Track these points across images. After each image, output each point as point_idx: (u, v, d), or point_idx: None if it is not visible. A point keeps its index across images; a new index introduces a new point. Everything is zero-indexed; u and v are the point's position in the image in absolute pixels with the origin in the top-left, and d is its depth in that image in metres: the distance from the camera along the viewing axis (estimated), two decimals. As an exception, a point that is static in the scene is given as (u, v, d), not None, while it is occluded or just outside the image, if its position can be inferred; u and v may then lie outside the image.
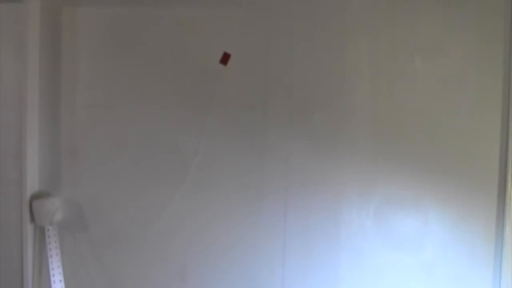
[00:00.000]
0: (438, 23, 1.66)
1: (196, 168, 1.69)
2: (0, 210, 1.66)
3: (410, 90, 1.68)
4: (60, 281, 1.62)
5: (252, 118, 1.69)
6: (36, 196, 1.63)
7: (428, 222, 1.68)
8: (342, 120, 1.69)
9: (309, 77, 1.69)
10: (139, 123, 1.67)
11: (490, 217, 1.68)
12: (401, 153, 1.69)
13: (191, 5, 1.67)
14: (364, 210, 1.69)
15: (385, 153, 1.68)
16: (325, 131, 1.69)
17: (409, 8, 1.65)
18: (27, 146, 1.60)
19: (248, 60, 1.68)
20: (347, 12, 1.67)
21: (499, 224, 1.67)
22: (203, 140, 1.68)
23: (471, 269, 1.68)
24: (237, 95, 1.69)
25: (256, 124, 1.69)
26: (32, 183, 1.64)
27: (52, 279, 1.60)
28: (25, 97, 1.58)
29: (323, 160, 1.69)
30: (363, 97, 1.68)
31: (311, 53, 1.68)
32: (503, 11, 1.64)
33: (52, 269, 1.61)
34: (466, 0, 1.63)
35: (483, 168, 1.68)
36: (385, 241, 1.70)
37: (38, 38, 1.60)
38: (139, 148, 1.68)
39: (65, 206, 1.66)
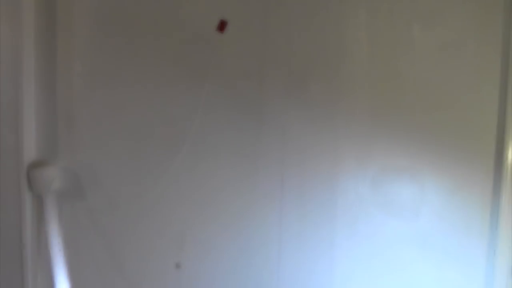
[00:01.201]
0: (437, -9, 1.65)
1: (193, 137, 1.68)
2: (-3, 180, 1.65)
3: (408, 59, 1.67)
4: (60, 249, 1.62)
5: (249, 87, 1.68)
6: (33, 165, 1.63)
7: (425, 191, 1.70)
8: (339, 89, 1.68)
9: (306, 46, 1.67)
10: (136, 91, 1.66)
11: (486, 186, 1.69)
12: (399, 122, 1.69)
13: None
14: (361, 178, 1.70)
15: (383, 122, 1.68)
16: (323, 100, 1.69)
17: (409, -25, 1.63)
18: (23, 114, 1.58)
19: (246, 28, 1.66)
20: (345, -21, 1.65)
21: (495, 193, 1.68)
22: (199, 109, 1.68)
23: (466, 237, 1.70)
24: (234, 64, 1.67)
25: (253, 93, 1.68)
26: (29, 151, 1.63)
27: (51, 248, 1.61)
28: (20, 64, 1.56)
29: (320, 129, 1.69)
30: (360, 66, 1.67)
31: (309, 21, 1.66)
32: (503, -20, 1.63)
33: (51, 237, 1.61)
34: (465, -32, 1.61)
35: (480, 137, 1.68)
36: (381, 210, 1.71)
37: (33, 3, 1.58)
38: (136, 116, 1.67)
39: (63, 175, 1.66)
